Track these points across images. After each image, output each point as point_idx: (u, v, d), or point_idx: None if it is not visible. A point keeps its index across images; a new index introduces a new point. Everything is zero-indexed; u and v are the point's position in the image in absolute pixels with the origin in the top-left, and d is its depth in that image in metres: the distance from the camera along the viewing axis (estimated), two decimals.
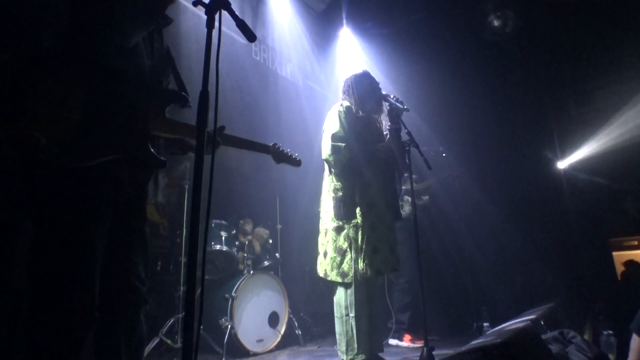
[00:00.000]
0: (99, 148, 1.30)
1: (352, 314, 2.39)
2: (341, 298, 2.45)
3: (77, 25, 1.36)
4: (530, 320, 2.30)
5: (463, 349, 1.70)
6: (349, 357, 2.38)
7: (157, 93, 1.50)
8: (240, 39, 4.12)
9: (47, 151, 1.21)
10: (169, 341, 3.07)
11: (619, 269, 4.79)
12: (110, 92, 1.35)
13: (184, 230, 3.41)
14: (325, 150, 2.52)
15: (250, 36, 1.22)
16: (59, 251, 1.23)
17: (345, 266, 2.41)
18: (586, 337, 2.59)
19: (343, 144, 2.49)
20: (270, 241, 4.03)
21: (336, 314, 2.49)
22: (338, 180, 2.54)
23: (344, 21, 5.50)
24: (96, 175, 1.30)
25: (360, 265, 2.38)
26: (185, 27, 3.45)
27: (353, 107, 2.63)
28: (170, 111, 1.57)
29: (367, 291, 2.47)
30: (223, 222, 3.63)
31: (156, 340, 2.99)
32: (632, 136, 5.26)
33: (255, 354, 3.24)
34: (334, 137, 2.50)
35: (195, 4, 1.21)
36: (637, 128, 5.27)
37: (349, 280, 2.38)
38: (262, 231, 4.06)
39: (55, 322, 1.19)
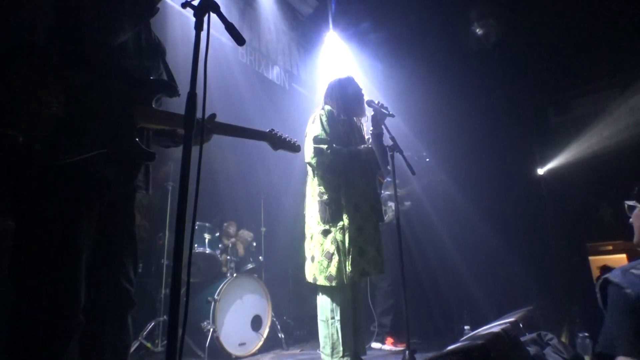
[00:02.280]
0: (83, 143, 1.27)
1: (337, 317, 2.40)
2: (326, 301, 2.45)
3: (64, 21, 1.33)
4: (510, 322, 2.35)
5: (444, 351, 1.73)
6: (334, 359, 2.39)
7: (144, 84, 1.46)
8: (227, 41, 4.11)
9: (28, 149, 1.18)
10: (149, 345, 3.03)
11: (595, 273, 4.93)
12: (93, 86, 1.32)
13: (167, 232, 3.37)
14: (308, 153, 2.52)
15: (240, 40, 1.22)
16: (41, 251, 1.19)
17: (332, 270, 2.40)
18: (563, 339, 2.66)
19: (325, 146, 2.49)
20: (254, 244, 4.02)
21: (321, 317, 2.49)
22: (322, 183, 2.54)
23: (330, 26, 5.54)
24: (81, 172, 1.27)
25: (347, 267, 2.39)
26: (172, 26, 3.44)
27: (335, 111, 2.64)
28: (162, 103, 1.55)
29: (352, 294, 2.49)
30: (206, 224, 3.60)
31: (136, 344, 2.94)
32: (609, 144, 5.44)
33: (238, 358, 3.22)
34: (316, 140, 2.50)
35: (184, 6, 1.20)
36: (613, 136, 5.45)
37: (337, 284, 2.38)
38: (246, 234, 4.04)
39: (38, 325, 1.16)
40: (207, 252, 3.50)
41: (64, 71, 1.28)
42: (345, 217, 2.45)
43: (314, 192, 2.58)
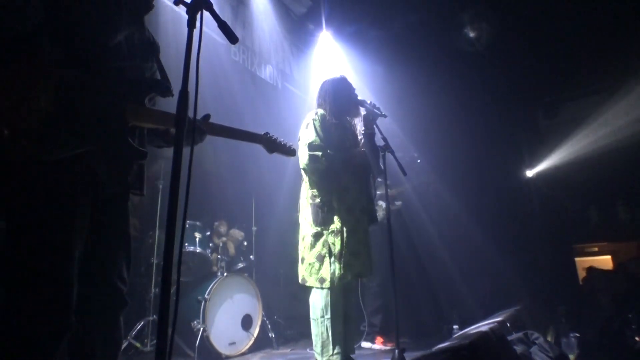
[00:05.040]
0: (73, 139, 1.24)
1: (327, 316, 2.41)
2: (317, 300, 2.47)
3: (57, 18, 1.31)
4: (497, 322, 2.39)
5: (432, 350, 1.75)
6: (324, 358, 2.40)
7: (136, 82, 1.45)
8: (219, 39, 4.09)
9: (14, 144, 1.16)
10: (138, 344, 3.01)
11: (581, 274, 5.02)
12: (84, 83, 1.30)
13: (157, 230, 3.35)
14: (303, 159, 2.52)
15: (232, 38, 1.21)
16: (33, 250, 1.17)
17: (324, 272, 2.42)
18: (549, 338, 2.70)
19: (320, 153, 2.50)
20: (245, 243, 4.00)
21: (312, 315, 2.50)
22: (315, 187, 2.56)
23: (324, 26, 5.55)
24: (72, 168, 1.25)
25: (340, 269, 2.40)
26: (164, 23, 3.41)
27: (327, 113, 2.65)
28: (156, 102, 1.53)
29: (343, 294, 2.50)
30: (197, 223, 3.58)
31: (125, 344, 2.92)
32: (597, 147, 5.53)
33: (228, 357, 3.21)
34: (311, 147, 2.51)
35: (176, 3, 1.19)
36: (601, 139, 5.54)
37: (327, 286, 2.40)
38: (237, 233, 4.03)
39: (28, 324, 1.13)
40: (197, 251, 3.48)
41: (54, 67, 1.27)
42: (337, 220, 2.47)
43: (307, 194, 2.59)
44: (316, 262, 2.45)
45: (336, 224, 2.46)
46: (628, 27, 5.07)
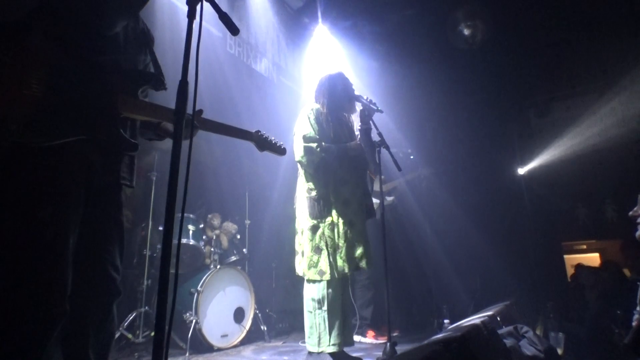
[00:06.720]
0: (64, 127, 1.24)
1: (324, 307, 2.43)
2: (313, 292, 2.48)
3: (52, 5, 1.30)
4: (488, 316, 2.43)
5: (424, 342, 1.77)
6: (320, 349, 2.42)
7: (129, 74, 1.44)
8: (215, 31, 4.06)
9: (4, 129, 1.15)
10: (129, 336, 3.01)
11: (570, 271, 5.12)
12: (77, 72, 1.30)
13: (150, 222, 3.34)
14: (298, 152, 2.53)
15: (233, 29, 1.21)
16: (26, 239, 1.16)
17: (322, 265, 2.44)
18: (538, 332, 2.75)
19: (315, 144, 2.51)
20: (238, 236, 4.00)
21: (307, 308, 2.52)
22: (311, 180, 2.56)
23: (320, 20, 5.52)
24: (66, 156, 1.25)
25: (339, 262, 2.42)
26: (160, 15, 3.38)
27: (323, 108, 2.66)
28: (149, 95, 1.53)
29: (339, 286, 2.52)
30: (191, 215, 3.58)
31: (117, 335, 2.92)
32: (586, 146, 5.61)
33: (220, 349, 3.22)
34: (306, 139, 2.52)
35: None
36: (591, 139, 5.62)
37: (327, 278, 2.42)
38: (230, 226, 4.02)
39: (22, 313, 1.13)
40: (190, 243, 3.47)
41: (47, 54, 1.26)
42: (334, 212, 2.49)
43: (303, 188, 2.60)
44: (314, 255, 2.46)
45: (333, 216, 2.48)
46: (618, 27, 5.13)
